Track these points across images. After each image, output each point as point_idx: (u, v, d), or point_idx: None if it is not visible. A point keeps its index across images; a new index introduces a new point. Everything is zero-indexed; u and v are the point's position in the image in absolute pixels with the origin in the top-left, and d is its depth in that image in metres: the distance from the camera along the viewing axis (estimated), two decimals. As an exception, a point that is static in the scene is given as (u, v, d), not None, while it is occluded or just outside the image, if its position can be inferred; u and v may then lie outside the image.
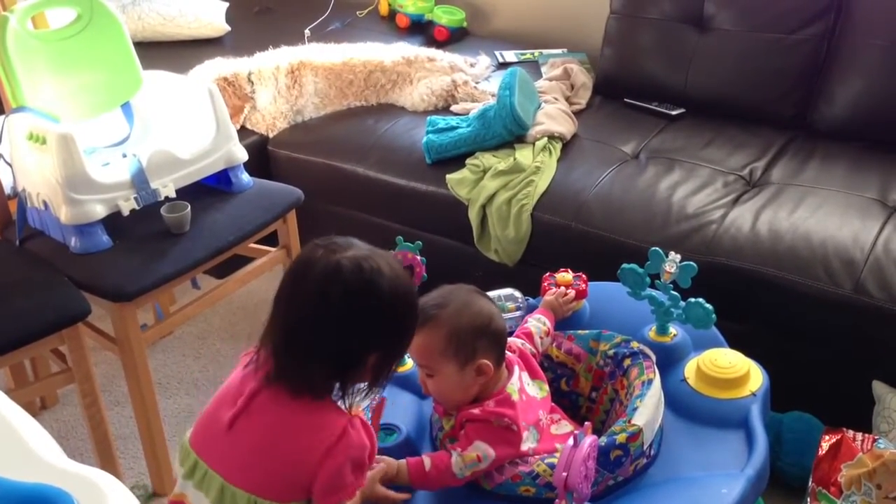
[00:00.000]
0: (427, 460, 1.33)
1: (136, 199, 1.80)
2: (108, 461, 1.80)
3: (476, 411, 1.35)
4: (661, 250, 1.51)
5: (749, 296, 1.88)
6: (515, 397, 1.36)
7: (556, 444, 1.36)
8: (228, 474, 1.18)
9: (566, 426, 1.41)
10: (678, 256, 1.50)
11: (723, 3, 2.37)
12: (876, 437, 1.64)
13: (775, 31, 2.30)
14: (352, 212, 2.44)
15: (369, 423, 1.26)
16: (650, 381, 1.41)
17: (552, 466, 1.30)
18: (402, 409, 1.51)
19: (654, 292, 1.55)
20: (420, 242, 1.51)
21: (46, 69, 1.88)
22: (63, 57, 1.90)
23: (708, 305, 1.47)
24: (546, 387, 1.45)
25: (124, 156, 1.89)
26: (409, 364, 1.57)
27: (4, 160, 1.86)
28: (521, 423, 1.34)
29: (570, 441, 1.14)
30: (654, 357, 1.47)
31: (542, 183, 2.17)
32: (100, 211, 1.76)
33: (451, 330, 1.34)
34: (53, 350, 1.77)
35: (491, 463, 1.32)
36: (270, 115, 2.49)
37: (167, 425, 1.96)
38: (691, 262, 1.48)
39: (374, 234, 2.39)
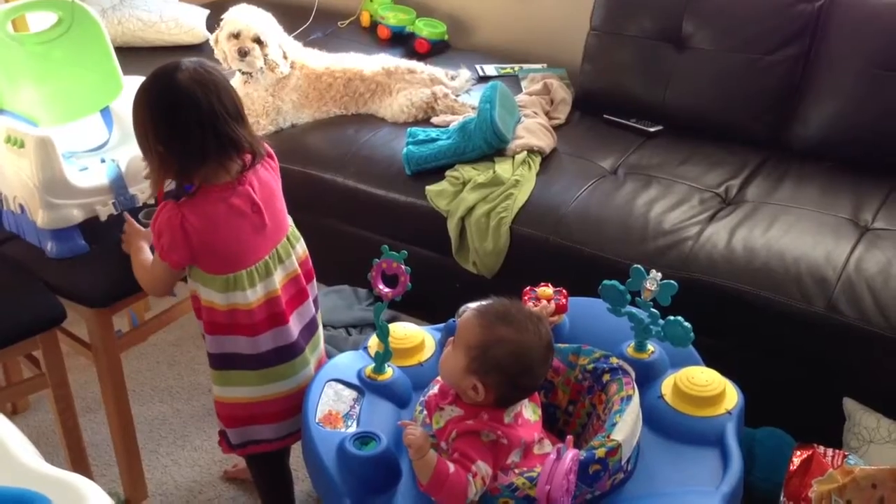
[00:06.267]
0: (452, 466, 1.32)
1: (114, 204, 1.78)
2: (80, 467, 1.78)
3: (469, 422, 1.36)
4: (642, 268, 1.53)
5: (723, 312, 1.91)
6: (507, 420, 1.37)
7: (537, 463, 1.37)
8: None
9: (548, 446, 1.42)
10: (659, 274, 1.51)
11: (701, 22, 2.42)
12: (846, 454, 1.67)
13: (752, 51, 2.35)
14: (330, 221, 2.44)
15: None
16: (629, 398, 1.42)
17: (531, 480, 1.31)
18: (381, 417, 1.51)
19: (633, 309, 1.57)
20: (405, 252, 1.51)
21: (26, 72, 1.86)
22: (43, 60, 1.88)
23: (687, 324, 1.49)
24: (539, 410, 1.45)
25: (103, 161, 1.87)
26: (389, 372, 1.58)
27: (-19, 163, 1.83)
28: (513, 438, 1.35)
29: (553, 454, 1.15)
30: (633, 373, 1.49)
31: (521, 196, 2.19)
32: (77, 215, 1.74)
33: (486, 343, 1.36)
34: (27, 355, 1.75)
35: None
36: (254, 112, 2.48)
37: (140, 433, 1.94)
38: (672, 281, 1.50)
39: (352, 244, 2.43)
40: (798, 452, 1.69)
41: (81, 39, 1.93)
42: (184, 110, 1.46)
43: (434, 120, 2.51)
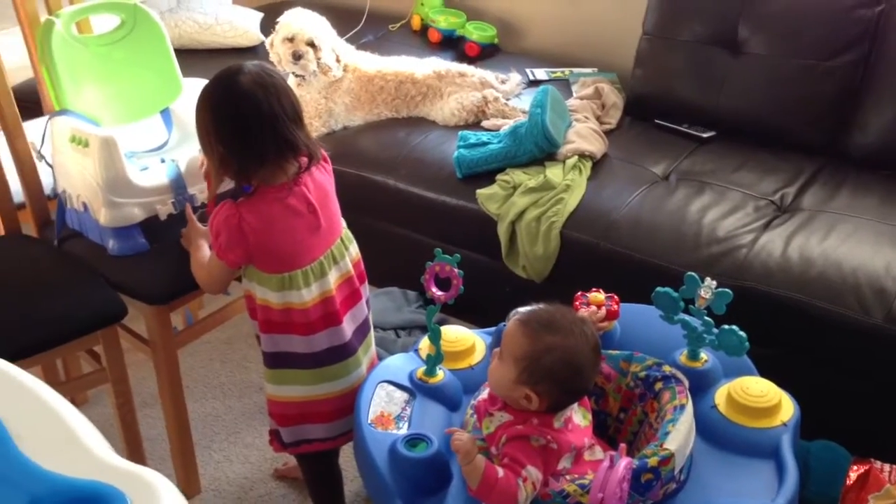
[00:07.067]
0: (501, 470, 1.32)
1: (173, 203, 1.82)
2: (137, 461, 1.79)
3: (519, 427, 1.36)
4: (696, 275, 1.52)
5: (778, 321, 1.88)
6: (557, 424, 1.37)
7: (588, 469, 1.37)
8: None
9: (599, 452, 1.42)
10: (714, 282, 1.50)
11: (757, 27, 2.38)
12: (904, 469, 1.64)
13: (810, 57, 2.31)
14: (380, 223, 2.46)
15: None
16: (682, 407, 1.41)
17: (583, 487, 1.31)
18: (432, 419, 1.52)
19: (687, 317, 1.55)
20: (458, 256, 1.52)
21: (89, 73, 1.90)
22: (106, 62, 1.93)
23: (742, 333, 1.47)
24: (589, 415, 1.45)
25: (163, 161, 1.91)
26: (440, 375, 1.58)
27: (46, 161, 1.89)
28: (563, 443, 1.34)
29: (606, 462, 1.15)
30: (686, 382, 1.47)
31: (572, 201, 2.18)
32: (138, 214, 1.78)
33: (534, 353, 1.36)
34: (87, 350, 1.79)
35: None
36: (307, 114, 2.51)
37: (194, 429, 1.97)
38: (727, 289, 1.49)
39: (401, 246, 2.44)
40: (855, 467, 1.66)
41: (143, 41, 1.97)
42: (245, 112, 1.49)
43: (485, 123, 2.51)
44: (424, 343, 1.64)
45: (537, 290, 2.18)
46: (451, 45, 3.04)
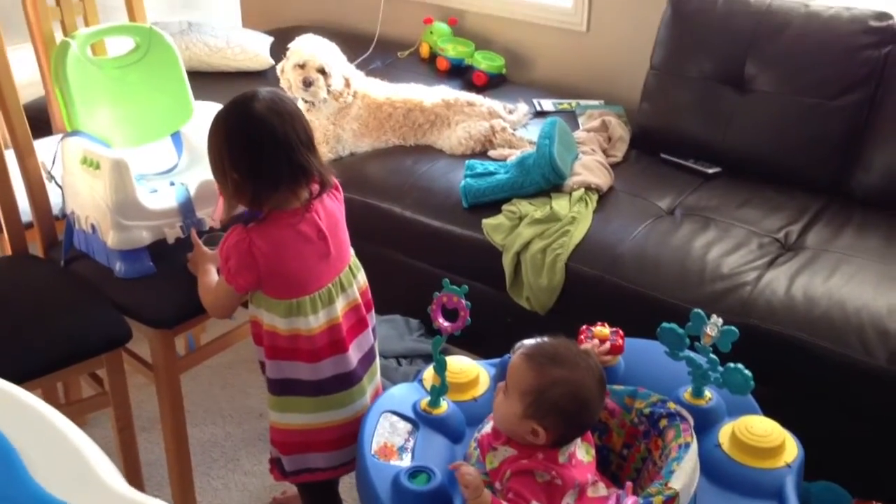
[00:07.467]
0: None
1: (181, 227, 1.83)
2: (136, 487, 1.80)
3: (524, 461, 1.35)
4: (702, 312, 1.52)
5: (780, 360, 1.88)
6: (562, 459, 1.37)
7: (592, 506, 1.36)
8: None
9: (602, 489, 1.41)
10: (720, 320, 1.50)
11: (764, 65, 2.40)
12: (907, 513, 1.63)
13: (816, 95, 2.33)
14: (384, 250, 2.46)
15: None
16: (687, 445, 1.41)
17: (586, 524, 1.31)
18: (435, 451, 1.51)
19: (692, 354, 1.55)
20: (466, 287, 1.52)
21: (102, 95, 1.92)
22: (119, 84, 1.94)
23: (747, 372, 1.47)
24: (592, 451, 1.45)
25: (172, 184, 1.92)
26: (443, 406, 1.58)
27: (56, 182, 1.90)
28: (567, 479, 1.34)
29: (612, 501, 1.15)
30: (691, 420, 1.47)
31: (578, 233, 2.19)
32: (146, 237, 1.79)
33: (541, 387, 1.36)
34: (90, 373, 1.79)
35: None
36: (315, 140, 2.52)
37: (192, 454, 1.96)
38: (733, 327, 1.49)
39: (405, 273, 2.44)
40: (856, 508, 1.65)
41: (157, 65, 1.99)
42: (260, 139, 1.50)
43: (491, 153, 2.53)
44: (429, 373, 1.64)
45: (540, 322, 2.18)
46: (459, 73, 3.07)
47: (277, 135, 1.50)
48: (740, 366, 1.49)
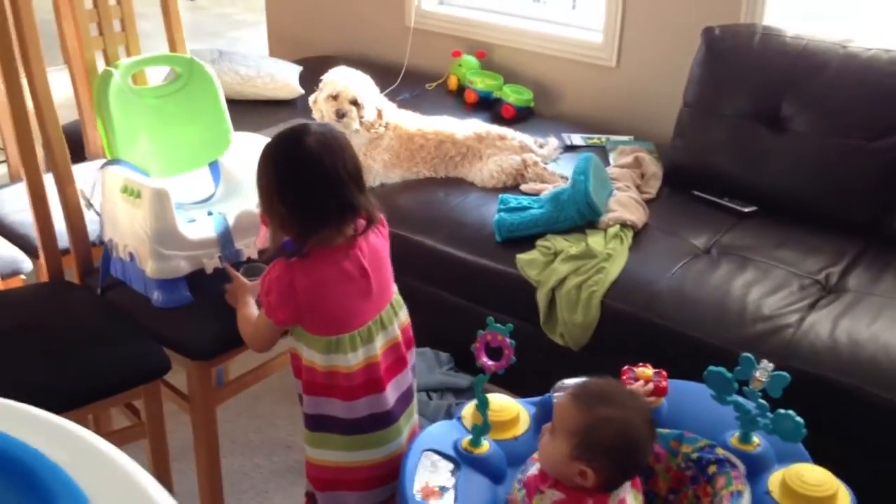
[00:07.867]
0: None
1: (219, 257, 1.81)
2: (167, 519, 1.78)
3: None
4: (752, 357, 1.49)
5: (826, 405, 1.84)
6: None
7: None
8: None
9: (649, 535, 1.39)
10: (771, 365, 1.47)
11: (801, 105, 2.39)
12: (958, 566, 1.58)
13: (855, 137, 2.31)
14: (414, 282, 2.43)
15: None
16: (739, 493, 1.38)
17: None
18: (477, 492, 1.48)
19: (740, 398, 1.52)
20: (511, 325, 1.50)
21: (142, 124, 1.92)
22: (159, 113, 1.94)
23: (799, 419, 1.44)
24: (640, 497, 1.42)
25: (209, 213, 1.91)
26: (485, 445, 1.55)
27: (95, 210, 1.89)
28: None
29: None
30: (742, 467, 1.44)
31: (614, 270, 2.17)
32: (185, 267, 1.78)
33: (589, 426, 1.34)
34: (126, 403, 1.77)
35: None
36: None
37: (223, 485, 1.93)
38: (784, 373, 1.46)
39: (436, 307, 2.42)
40: (906, 561, 1.61)
41: (197, 94, 2.00)
42: (310, 175, 1.49)
43: (523, 187, 2.52)
44: (468, 411, 1.62)
45: (573, 358, 2.15)
46: (488, 106, 3.07)
47: (327, 171, 1.49)
48: (792, 412, 1.46)
